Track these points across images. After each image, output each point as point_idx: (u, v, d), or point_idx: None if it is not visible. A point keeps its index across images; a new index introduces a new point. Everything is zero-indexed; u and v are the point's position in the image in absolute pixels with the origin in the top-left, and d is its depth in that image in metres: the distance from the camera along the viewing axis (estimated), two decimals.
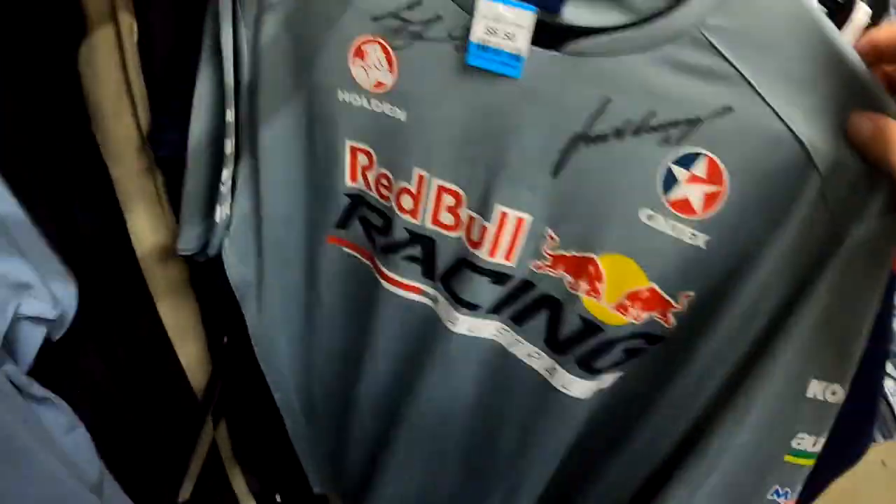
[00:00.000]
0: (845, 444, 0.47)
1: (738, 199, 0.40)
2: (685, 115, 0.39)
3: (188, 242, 0.57)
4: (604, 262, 0.45)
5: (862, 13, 0.40)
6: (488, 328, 0.53)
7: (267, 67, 0.50)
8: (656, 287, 0.45)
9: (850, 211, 0.37)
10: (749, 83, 0.37)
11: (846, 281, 0.39)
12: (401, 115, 0.47)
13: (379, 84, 0.47)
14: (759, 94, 0.37)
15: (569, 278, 0.47)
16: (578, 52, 0.40)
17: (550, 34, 0.40)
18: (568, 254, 0.46)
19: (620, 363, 0.50)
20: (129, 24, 0.49)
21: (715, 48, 0.37)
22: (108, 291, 0.57)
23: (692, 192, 0.41)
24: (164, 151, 0.54)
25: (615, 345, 0.48)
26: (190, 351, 0.64)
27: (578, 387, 0.51)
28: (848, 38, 0.40)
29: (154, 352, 0.61)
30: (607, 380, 0.51)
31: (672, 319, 0.46)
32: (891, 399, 0.62)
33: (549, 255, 0.47)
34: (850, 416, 0.43)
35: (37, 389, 0.43)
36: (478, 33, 0.41)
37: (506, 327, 0.53)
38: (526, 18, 0.40)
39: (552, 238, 0.46)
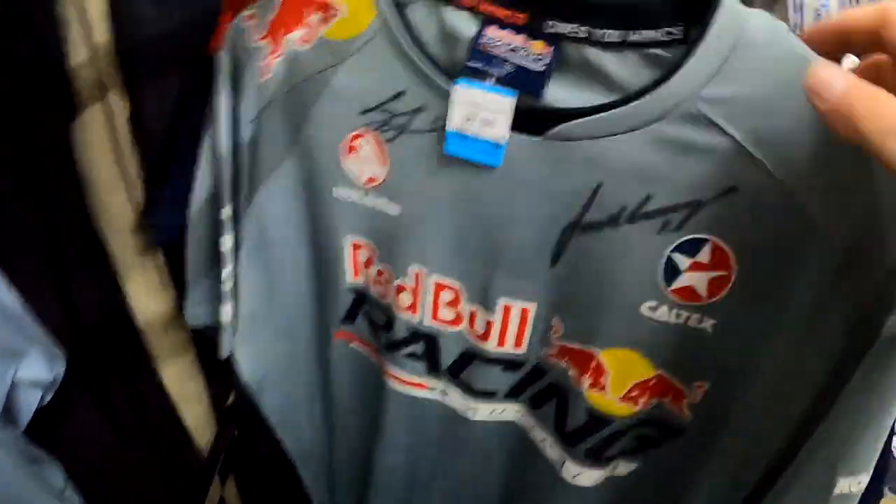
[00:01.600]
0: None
1: (747, 281, 0.35)
2: (685, 199, 0.35)
3: (192, 319, 0.55)
4: (606, 357, 0.41)
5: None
6: (509, 411, 0.49)
7: (265, 166, 0.48)
8: (663, 373, 0.40)
9: (881, 304, 0.31)
10: (753, 157, 0.33)
11: (879, 376, 0.33)
12: (394, 209, 0.44)
13: (371, 179, 0.44)
14: (765, 169, 0.32)
15: (573, 371, 0.42)
16: (563, 137, 0.36)
17: (532, 119, 0.37)
18: (571, 346, 0.42)
19: (633, 451, 0.45)
20: (119, 100, 0.49)
21: (713, 122, 0.33)
22: (109, 359, 0.56)
23: (697, 279, 0.36)
24: (160, 237, 0.54)
25: (625, 433, 0.44)
26: (195, 412, 0.64)
27: (587, 477, 0.46)
28: None
29: (158, 415, 0.61)
30: (622, 467, 0.46)
31: (687, 412, 0.41)
32: None
33: (556, 344, 0.43)
34: None
35: (32, 450, 0.44)
36: (455, 121, 0.38)
37: (524, 409, 0.49)
38: (505, 104, 0.37)
39: (558, 327, 0.42)
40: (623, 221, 0.36)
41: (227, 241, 0.50)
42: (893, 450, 0.57)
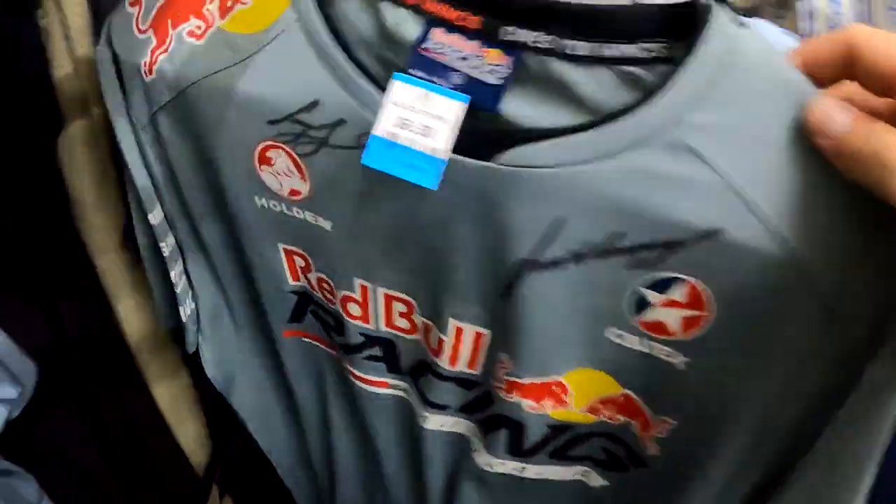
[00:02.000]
0: None
1: (725, 325, 0.33)
2: (663, 238, 0.31)
3: (168, 321, 0.50)
4: (569, 379, 0.38)
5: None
6: (459, 426, 0.46)
7: (176, 166, 0.41)
8: (631, 395, 0.38)
9: (864, 349, 0.30)
10: (739, 195, 0.29)
11: (859, 425, 0.31)
12: (325, 224, 0.38)
13: (294, 192, 0.38)
14: (752, 210, 0.29)
15: (528, 402, 0.40)
16: (519, 163, 0.31)
17: (481, 139, 0.31)
18: (524, 382, 0.38)
19: (602, 463, 0.43)
20: (100, 115, 0.46)
21: (697, 153, 0.29)
22: (99, 379, 0.55)
23: (668, 315, 0.33)
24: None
25: (588, 438, 0.42)
26: (188, 431, 0.61)
27: (553, 472, 0.45)
28: None
29: (151, 435, 0.60)
30: (594, 479, 0.45)
31: (655, 445, 0.39)
32: None
33: (504, 379, 0.39)
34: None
35: (2, 463, 0.44)
36: (385, 124, 0.32)
37: (475, 430, 0.46)
38: (452, 110, 0.31)
39: (506, 363, 0.38)
40: (590, 258, 0.32)
41: (166, 246, 0.44)
42: None
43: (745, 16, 0.31)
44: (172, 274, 0.45)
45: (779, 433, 0.34)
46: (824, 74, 0.28)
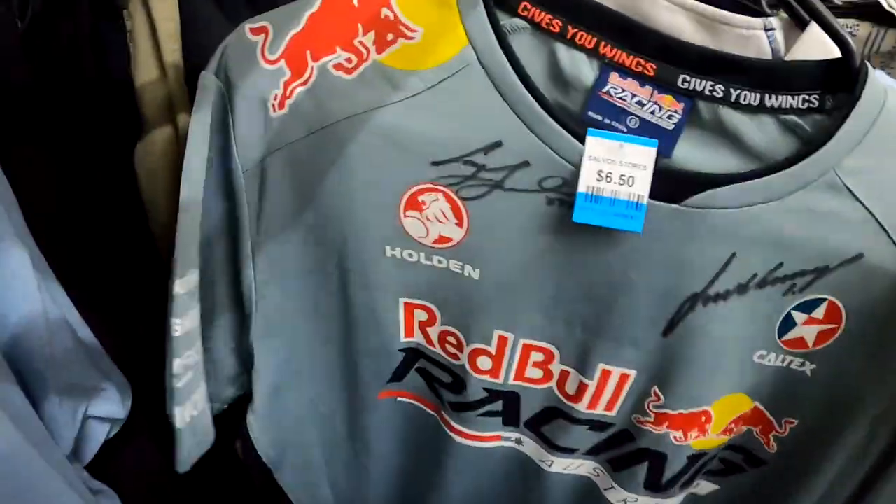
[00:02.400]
0: None
1: (851, 335, 0.37)
2: (814, 265, 0.35)
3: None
4: (715, 407, 0.40)
5: None
6: (585, 467, 0.47)
7: (275, 220, 0.38)
8: (759, 406, 0.41)
9: None
10: (883, 227, 0.34)
11: None
12: (473, 273, 0.37)
13: (443, 239, 0.36)
14: (890, 237, 0.34)
15: (676, 433, 0.41)
16: (702, 206, 0.34)
17: (665, 183, 0.33)
18: (675, 412, 0.40)
19: (716, 472, 0.46)
20: (187, 122, 0.41)
21: (851, 192, 0.33)
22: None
23: (808, 332, 0.38)
24: None
25: (714, 458, 0.45)
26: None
27: (675, 500, 0.47)
28: None
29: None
30: (703, 487, 0.47)
31: (774, 444, 0.43)
32: None
33: (653, 412, 0.41)
34: None
35: (94, 484, 0.42)
36: (588, 180, 0.33)
37: (602, 469, 0.46)
38: (648, 156, 0.33)
39: (657, 396, 0.40)
40: (751, 288, 0.36)
41: (181, 324, 0.39)
42: None
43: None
44: (177, 363, 0.40)
45: (889, 428, 0.39)
46: None
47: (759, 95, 0.33)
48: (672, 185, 0.34)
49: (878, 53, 0.51)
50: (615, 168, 0.33)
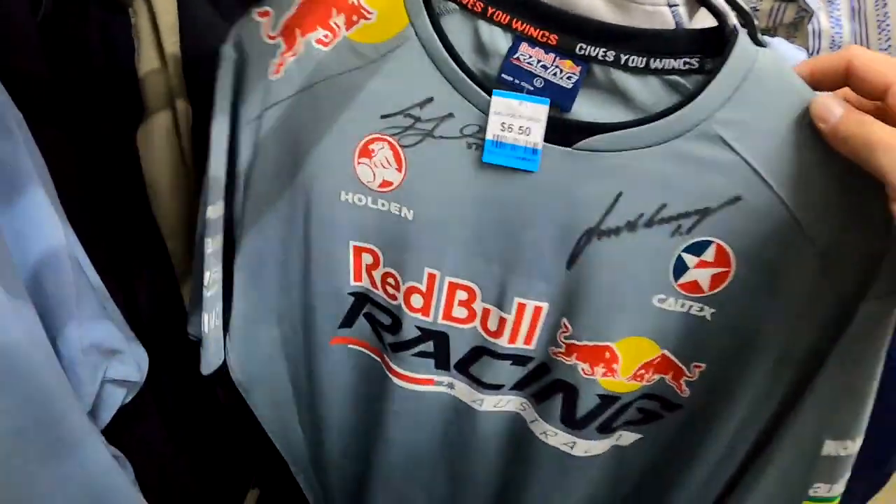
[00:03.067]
0: (872, 468, 0.49)
1: (743, 277, 0.41)
2: (695, 207, 0.40)
3: (195, 328, 0.53)
4: (619, 346, 0.45)
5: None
6: (513, 402, 0.52)
7: (263, 166, 0.48)
8: (667, 353, 0.46)
9: (856, 291, 0.39)
10: (756, 172, 0.39)
11: (855, 353, 0.40)
12: (408, 214, 0.46)
13: (385, 183, 0.46)
14: (765, 183, 0.39)
15: (584, 365, 0.46)
16: (590, 148, 0.41)
17: (562, 131, 0.41)
18: (581, 343, 0.46)
19: (636, 422, 0.50)
20: (185, 109, 0.50)
21: (724, 141, 0.39)
22: (166, 359, 0.56)
23: (701, 275, 0.42)
24: None
25: (630, 405, 0.48)
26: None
27: (597, 447, 0.51)
28: None
29: (208, 421, 0.61)
30: (626, 437, 0.51)
31: (686, 388, 0.47)
32: None
33: (564, 343, 0.46)
34: (876, 443, 0.44)
35: (110, 448, 0.43)
36: (493, 129, 0.41)
37: (528, 403, 0.52)
38: (540, 112, 0.41)
39: (566, 327, 0.46)
40: (640, 226, 0.41)
41: (212, 244, 0.49)
42: None
43: (765, 35, 0.40)
44: (206, 275, 0.49)
45: (791, 367, 0.42)
46: (827, 82, 0.38)
47: (645, 59, 0.40)
48: (568, 132, 0.41)
49: (781, 25, 0.53)
50: (515, 121, 0.41)
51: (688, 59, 0.40)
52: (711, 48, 0.39)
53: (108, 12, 0.48)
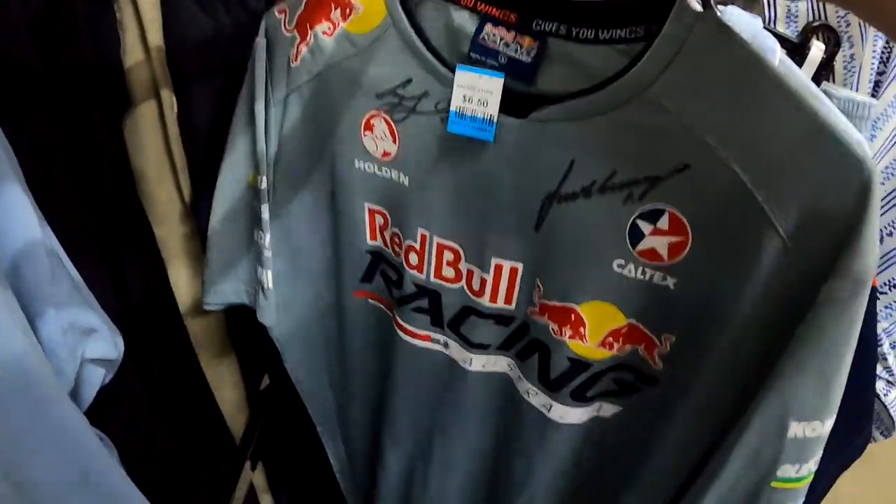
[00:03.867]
0: (844, 443, 0.48)
1: (702, 247, 0.41)
2: (644, 174, 0.41)
3: (215, 297, 0.61)
4: (584, 310, 0.47)
5: (815, 49, 0.42)
6: (500, 363, 0.56)
7: (292, 141, 0.56)
8: (634, 322, 0.46)
9: (818, 268, 0.37)
10: (702, 140, 0.38)
11: (822, 333, 0.38)
12: (404, 180, 0.51)
13: (385, 153, 0.51)
14: (712, 150, 0.38)
15: (554, 325, 0.49)
16: (543, 119, 0.43)
17: (520, 104, 0.44)
18: (551, 303, 0.48)
19: (615, 395, 0.51)
20: (169, 98, 0.54)
21: (666, 108, 0.39)
22: (155, 343, 0.61)
23: (658, 243, 0.42)
24: (206, 222, 0.59)
25: (604, 375, 0.50)
26: (229, 397, 0.68)
27: (574, 414, 0.52)
28: (805, 73, 0.41)
29: (197, 400, 0.64)
30: (606, 409, 0.52)
31: (659, 361, 0.47)
32: (884, 399, 0.62)
33: (538, 302, 0.49)
34: (847, 418, 0.43)
35: (93, 430, 0.45)
36: (456, 102, 0.45)
37: (513, 363, 0.55)
38: (495, 84, 0.43)
39: (539, 287, 0.48)
40: (594, 193, 0.43)
41: (265, 210, 0.57)
42: (878, 394, 0.62)
43: (722, 4, 0.40)
44: (266, 238, 0.55)
45: (757, 345, 0.41)
46: None
47: (594, 31, 0.41)
48: (525, 105, 0.43)
49: None
50: (475, 94, 0.44)
51: (634, 28, 0.40)
52: (659, 15, 0.39)
53: (95, 6, 0.51)
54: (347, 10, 0.50)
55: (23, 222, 0.42)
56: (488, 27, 0.45)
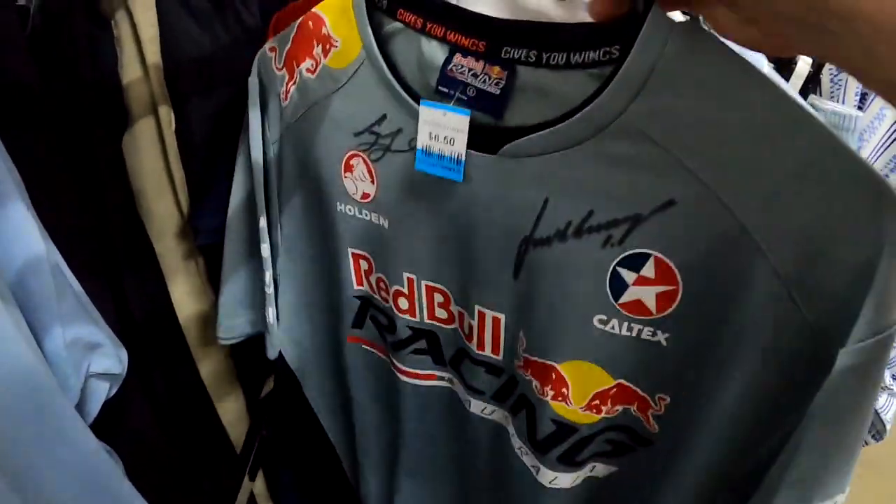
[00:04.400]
0: None
1: (695, 296, 0.36)
2: (624, 213, 0.36)
3: (229, 332, 0.61)
4: (565, 370, 0.42)
5: (802, 63, 0.41)
6: (497, 413, 0.51)
7: (290, 179, 0.54)
8: (624, 382, 0.41)
9: (830, 317, 0.31)
10: (689, 170, 0.33)
11: (842, 409, 0.32)
12: (384, 222, 0.48)
13: (365, 195, 0.49)
14: (700, 182, 0.33)
15: (536, 383, 0.44)
16: (513, 154, 0.39)
17: (491, 138, 0.40)
18: (532, 359, 0.43)
19: (607, 454, 0.45)
20: (167, 114, 0.54)
21: (646, 135, 0.34)
22: (156, 356, 0.60)
23: (644, 293, 0.37)
24: (203, 239, 0.59)
25: (594, 438, 0.44)
26: (229, 408, 0.67)
27: (563, 480, 0.47)
28: (793, 86, 0.39)
29: (198, 411, 0.64)
30: (600, 469, 0.47)
31: (654, 423, 0.41)
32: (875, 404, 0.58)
33: (522, 356, 0.44)
34: None
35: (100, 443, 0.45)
36: (422, 139, 0.41)
37: (508, 416, 0.50)
38: (461, 122, 0.40)
39: (523, 339, 0.44)
40: (569, 236, 0.38)
41: (265, 249, 0.56)
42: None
43: None
44: (266, 276, 0.54)
45: (763, 394, 0.35)
46: None
47: (565, 55, 0.37)
48: (496, 138, 0.39)
49: None
50: (441, 131, 0.41)
51: (608, 48, 0.35)
52: (631, 34, 0.34)
53: (93, 24, 0.52)
54: (328, 46, 0.48)
55: (27, 238, 0.42)
56: (457, 58, 0.41)
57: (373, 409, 0.62)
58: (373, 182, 0.47)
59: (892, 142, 0.54)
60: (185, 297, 0.60)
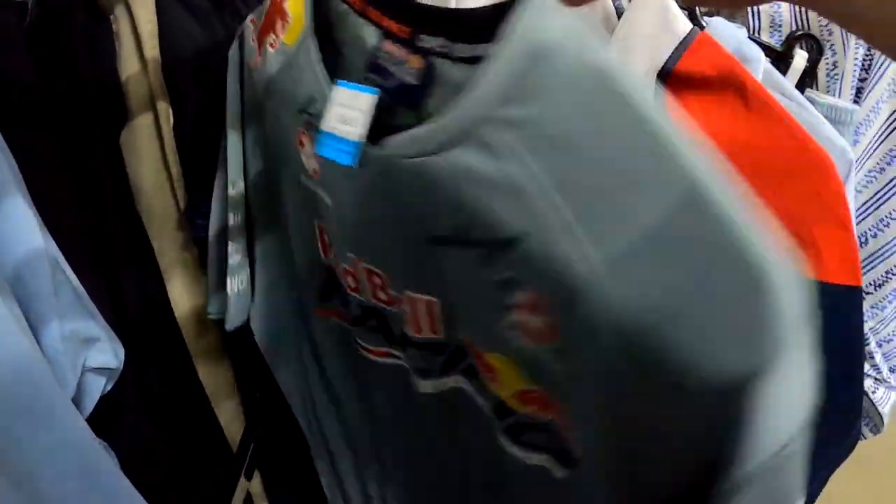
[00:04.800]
0: (833, 444, 0.48)
1: (573, 334, 0.32)
2: (488, 236, 0.33)
3: (217, 308, 0.61)
4: (491, 359, 0.41)
5: (799, 57, 0.41)
6: (448, 382, 0.50)
7: (257, 149, 0.55)
8: (544, 392, 0.39)
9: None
10: (546, 193, 0.30)
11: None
12: (329, 200, 0.47)
13: (315, 171, 0.48)
14: (557, 209, 0.29)
15: (476, 361, 0.43)
16: (392, 152, 0.37)
17: (387, 131, 0.37)
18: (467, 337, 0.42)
19: (557, 454, 0.44)
20: (165, 110, 0.55)
21: (506, 149, 0.31)
22: (153, 353, 0.60)
23: (529, 319, 0.35)
24: (198, 233, 0.60)
25: (533, 427, 0.43)
26: (226, 406, 0.67)
27: (519, 453, 0.46)
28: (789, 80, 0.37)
29: (195, 409, 0.65)
30: (557, 472, 0.45)
31: (578, 447, 0.39)
32: (872, 396, 0.64)
33: (462, 336, 0.43)
34: (836, 418, 0.40)
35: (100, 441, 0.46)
36: (329, 121, 0.40)
37: (462, 378, 0.49)
38: (365, 102, 0.38)
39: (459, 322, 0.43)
40: (454, 245, 0.36)
41: (235, 216, 0.57)
42: (866, 391, 0.63)
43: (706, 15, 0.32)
44: (230, 246, 0.53)
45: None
46: None
47: (471, 47, 0.34)
48: (385, 131, 0.37)
49: None
50: (349, 112, 0.39)
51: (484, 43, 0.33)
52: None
53: (91, 19, 0.52)
54: (284, 21, 0.47)
55: (26, 232, 0.43)
56: (386, 44, 0.39)
57: (344, 381, 0.62)
58: (317, 160, 0.47)
59: (888, 135, 0.55)
60: (182, 294, 0.60)
